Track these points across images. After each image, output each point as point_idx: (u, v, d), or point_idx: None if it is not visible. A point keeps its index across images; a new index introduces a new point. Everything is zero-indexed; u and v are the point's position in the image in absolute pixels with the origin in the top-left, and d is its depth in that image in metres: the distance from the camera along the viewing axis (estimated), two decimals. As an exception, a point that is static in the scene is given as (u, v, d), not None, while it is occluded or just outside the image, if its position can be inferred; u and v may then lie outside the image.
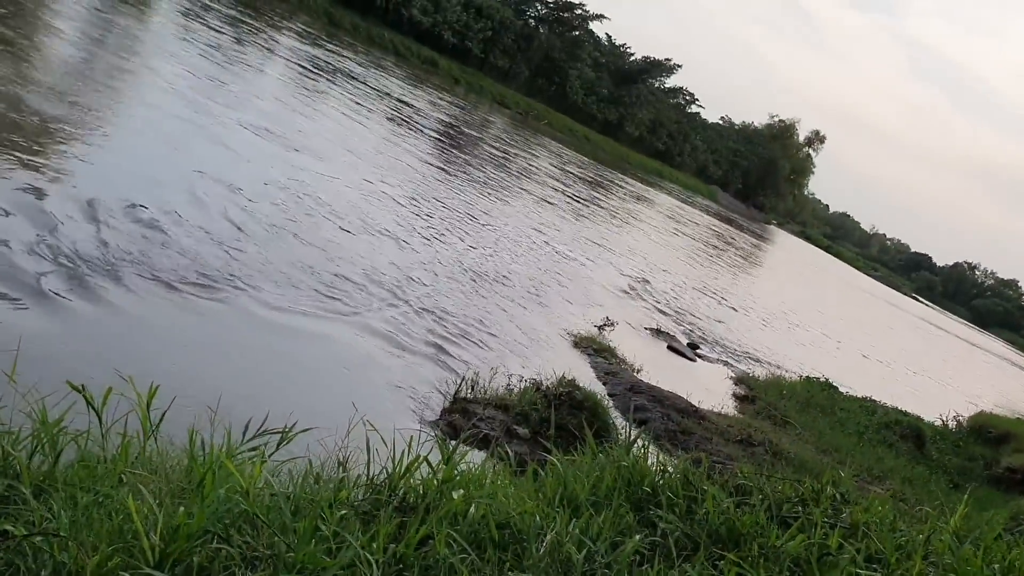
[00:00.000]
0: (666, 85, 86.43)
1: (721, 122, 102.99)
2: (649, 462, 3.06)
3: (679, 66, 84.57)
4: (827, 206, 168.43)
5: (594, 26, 78.05)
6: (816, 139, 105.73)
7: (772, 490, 2.95)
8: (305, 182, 10.89)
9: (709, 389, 10.71)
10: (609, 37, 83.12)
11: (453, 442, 3.69)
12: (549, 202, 21.46)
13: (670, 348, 12.51)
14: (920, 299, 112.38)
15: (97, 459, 2.39)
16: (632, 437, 3.46)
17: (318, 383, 5.57)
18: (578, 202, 25.16)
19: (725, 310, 18.89)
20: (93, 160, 8.00)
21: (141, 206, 7.19)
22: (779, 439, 9.13)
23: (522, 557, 2.12)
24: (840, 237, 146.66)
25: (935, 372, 28.25)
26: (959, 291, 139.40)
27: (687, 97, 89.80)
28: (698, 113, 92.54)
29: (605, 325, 11.60)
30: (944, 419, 13.76)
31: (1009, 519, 8.73)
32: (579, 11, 75.58)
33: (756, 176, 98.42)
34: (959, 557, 2.70)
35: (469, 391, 6.49)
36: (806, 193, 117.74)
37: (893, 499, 8.75)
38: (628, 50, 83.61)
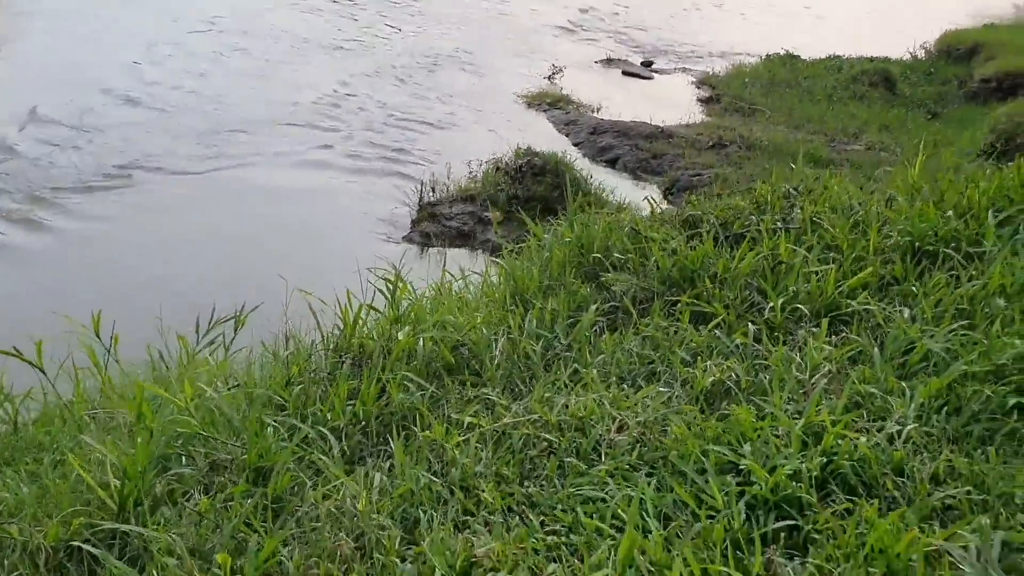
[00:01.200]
0: None
1: None
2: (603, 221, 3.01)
3: None
4: None
5: None
6: None
7: (723, 209, 2.91)
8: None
9: (672, 103, 10.51)
10: None
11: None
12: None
13: (625, 74, 12.18)
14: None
15: (57, 411, 2.39)
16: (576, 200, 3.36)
17: (277, 244, 5.47)
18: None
19: (673, 10, 18.16)
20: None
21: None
22: (750, 130, 9.05)
23: (481, 373, 2.14)
24: None
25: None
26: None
27: None
28: None
29: (554, 74, 11.27)
30: (912, 52, 13.51)
31: (988, 132, 8.77)
32: None
33: None
34: (914, 215, 2.69)
35: (431, 193, 6.41)
36: None
37: (870, 151, 8.79)
38: None
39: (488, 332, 2.28)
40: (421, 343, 2.17)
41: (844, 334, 2.20)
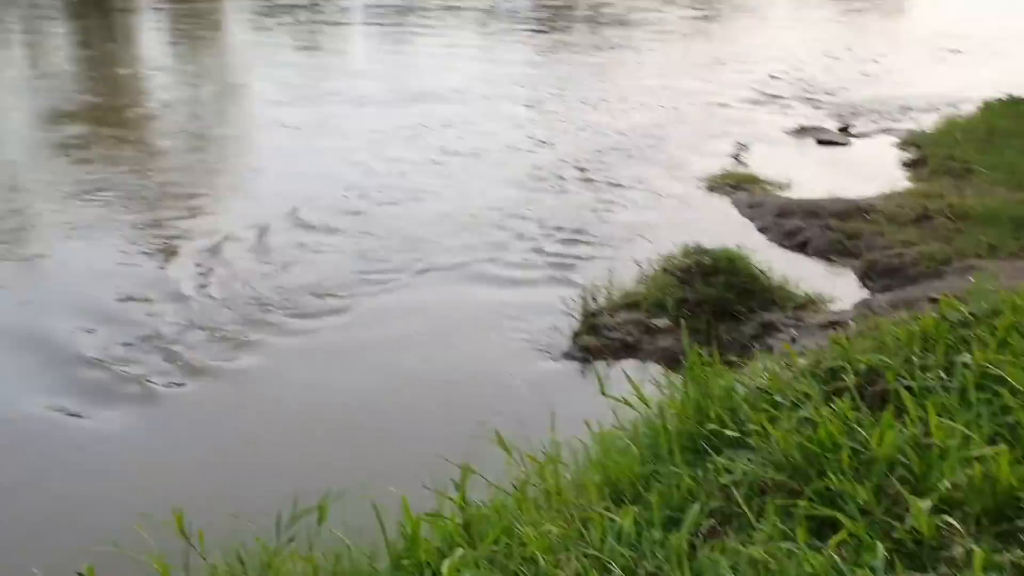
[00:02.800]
0: None
1: None
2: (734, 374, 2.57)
3: None
4: None
5: None
6: None
7: (867, 354, 2.38)
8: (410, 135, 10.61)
9: (871, 171, 9.66)
10: None
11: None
12: (649, 39, 20.14)
13: (819, 142, 11.43)
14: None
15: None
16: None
17: (422, 375, 5.33)
18: (683, 23, 23.53)
19: (871, 66, 17.08)
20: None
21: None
22: (961, 196, 8.10)
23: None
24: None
25: None
26: None
27: None
28: None
29: (739, 152, 10.74)
30: None
31: None
32: None
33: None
34: None
35: (594, 302, 6.09)
36: None
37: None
38: None
39: (557, 551, 1.91)
40: (468, 576, 1.84)
41: None
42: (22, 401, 4.93)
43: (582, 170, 9.76)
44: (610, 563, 1.88)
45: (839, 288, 6.57)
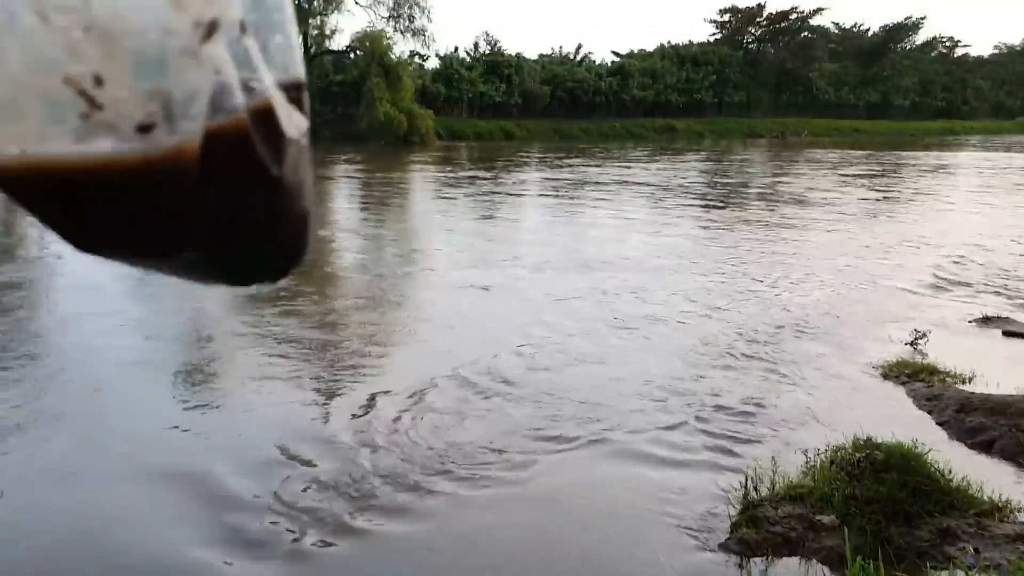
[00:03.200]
0: (917, 42, 79.55)
1: (998, 51, 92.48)
2: None
3: (923, 18, 78.09)
4: None
5: (817, 20, 74.40)
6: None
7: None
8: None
9: (1067, 368, 9.03)
10: (836, 24, 78.62)
11: None
12: (827, 219, 19.97)
13: (1006, 334, 10.81)
14: None
15: None
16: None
17: (574, 548, 5.26)
18: (862, 204, 23.24)
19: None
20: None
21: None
22: None
23: None
24: None
25: None
26: None
27: (947, 43, 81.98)
28: (966, 53, 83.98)
29: (916, 339, 10.28)
30: None
31: None
32: (794, 15, 72.55)
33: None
34: None
35: (754, 491, 5.87)
36: None
37: None
38: (862, 27, 78.46)
39: None
40: None
41: None
42: (172, 543, 5.17)
43: (753, 345, 9.64)
44: None
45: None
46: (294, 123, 0.62)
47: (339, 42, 52.38)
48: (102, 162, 0.56)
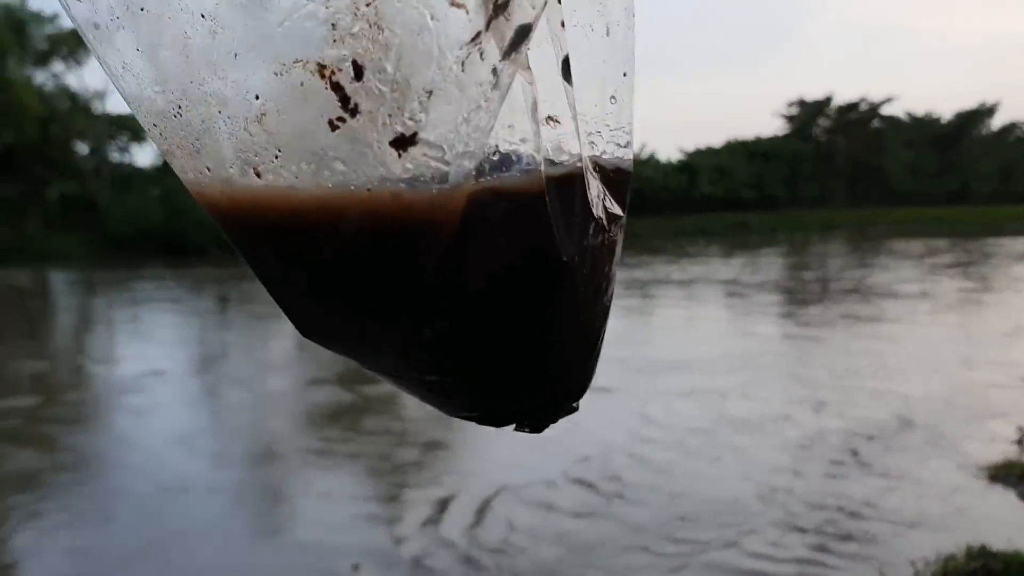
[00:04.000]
0: (993, 128, 78.49)
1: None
2: None
3: (997, 104, 77.14)
4: None
5: (888, 110, 74.24)
6: None
7: None
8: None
9: None
10: (908, 114, 78.20)
11: None
12: (921, 313, 19.41)
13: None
14: None
15: None
16: None
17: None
18: (954, 295, 22.56)
19: None
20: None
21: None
22: None
23: None
24: None
25: None
26: None
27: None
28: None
29: (1022, 437, 9.76)
30: None
31: None
32: (864, 106, 72.48)
33: None
34: None
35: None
36: None
37: None
38: (934, 115, 77.85)
39: None
40: None
41: None
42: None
43: (851, 450, 9.26)
44: None
45: None
46: (604, 206, 0.50)
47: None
48: (367, 200, 0.42)
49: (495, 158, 0.44)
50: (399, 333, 0.46)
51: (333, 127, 0.40)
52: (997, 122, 78.77)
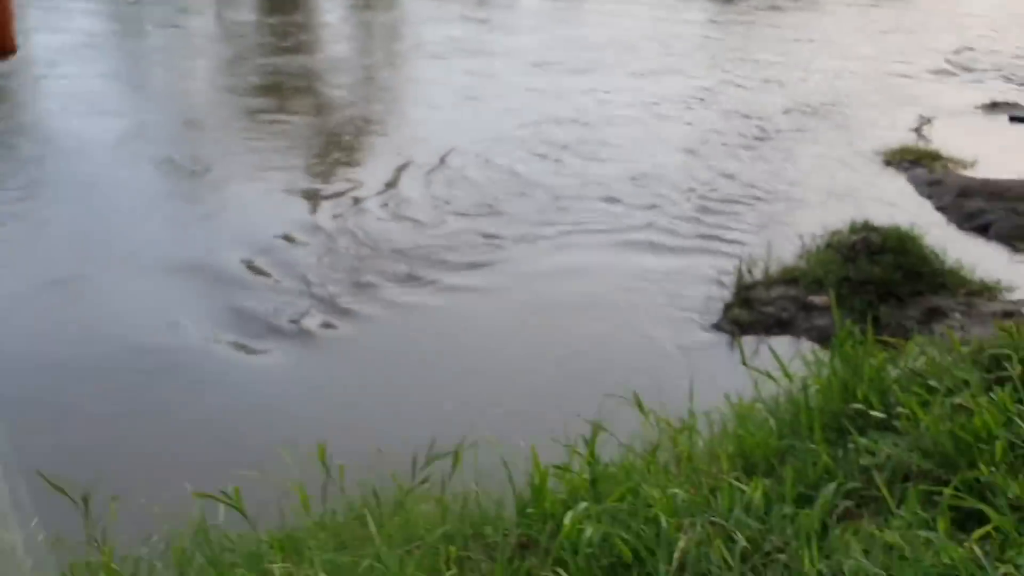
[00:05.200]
0: None
1: None
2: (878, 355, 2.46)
3: None
4: None
5: None
6: None
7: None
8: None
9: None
10: None
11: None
12: (834, 5, 19.11)
13: (1012, 119, 10.60)
14: None
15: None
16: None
17: (565, 334, 5.35)
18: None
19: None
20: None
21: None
22: None
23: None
24: None
25: None
26: None
27: None
28: None
29: (921, 126, 10.10)
30: None
31: None
32: None
33: None
34: None
35: (749, 274, 5.92)
36: None
37: None
38: None
39: (682, 515, 1.90)
40: (590, 530, 1.85)
41: None
42: (180, 327, 5.24)
43: (754, 135, 9.49)
44: (735, 533, 1.85)
45: (1020, 276, 6.12)
46: None
47: None
48: None
49: None
50: None
51: None
52: None
